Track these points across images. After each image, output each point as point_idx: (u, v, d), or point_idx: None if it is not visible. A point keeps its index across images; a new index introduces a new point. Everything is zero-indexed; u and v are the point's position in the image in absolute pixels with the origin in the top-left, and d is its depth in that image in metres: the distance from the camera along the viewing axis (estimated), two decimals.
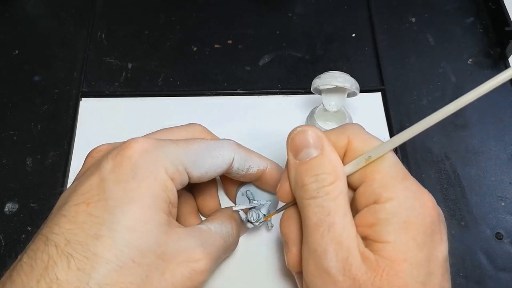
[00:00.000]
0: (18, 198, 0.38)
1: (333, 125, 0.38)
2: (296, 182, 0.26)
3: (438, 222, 0.25)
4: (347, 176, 0.26)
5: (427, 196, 0.25)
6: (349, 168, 0.26)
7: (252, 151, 0.32)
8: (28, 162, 0.40)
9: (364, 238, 0.25)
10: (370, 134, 0.27)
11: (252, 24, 0.48)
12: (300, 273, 0.28)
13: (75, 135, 0.42)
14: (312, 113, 0.37)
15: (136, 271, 0.24)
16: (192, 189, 0.36)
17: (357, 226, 0.25)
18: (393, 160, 0.26)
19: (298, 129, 0.27)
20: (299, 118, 0.41)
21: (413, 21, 0.49)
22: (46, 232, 0.25)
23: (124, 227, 0.24)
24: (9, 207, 0.38)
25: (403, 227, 0.24)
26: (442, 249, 0.25)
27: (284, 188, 0.28)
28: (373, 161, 0.25)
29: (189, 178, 0.29)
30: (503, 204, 0.38)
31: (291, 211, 0.28)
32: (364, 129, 0.28)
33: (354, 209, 0.26)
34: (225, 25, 0.48)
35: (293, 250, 0.27)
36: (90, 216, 0.24)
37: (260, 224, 0.33)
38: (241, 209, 0.33)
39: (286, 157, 0.28)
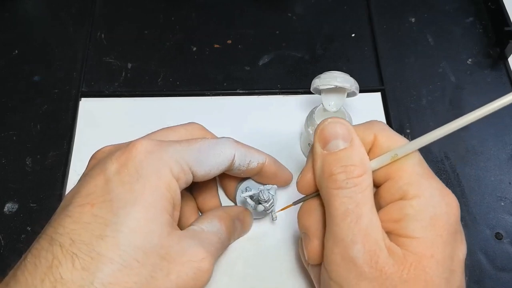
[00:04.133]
0: (18, 198, 0.38)
1: None
2: (323, 171, 0.26)
3: (459, 222, 0.26)
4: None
5: (451, 196, 0.25)
6: (375, 163, 0.26)
7: (250, 146, 0.33)
8: (27, 162, 0.40)
9: (388, 233, 0.25)
10: (395, 132, 0.28)
11: (251, 24, 0.48)
12: (318, 266, 0.28)
13: (74, 135, 0.42)
14: (311, 113, 0.37)
15: (140, 271, 0.24)
16: (192, 190, 0.36)
17: (381, 221, 0.25)
18: (419, 159, 0.26)
19: (329, 119, 0.27)
20: (299, 118, 0.41)
21: (413, 21, 0.49)
22: (51, 232, 0.25)
23: (128, 228, 0.25)
24: (9, 207, 0.38)
25: (430, 224, 0.24)
26: (462, 248, 0.25)
27: (306, 179, 0.28)
28: (399, 159, 0.26)
29: (194, 177, 0.29)
30: (502, 204, 0.38)
31: (312, 203, 0.28)
32: (389, 127, 0.28)
33: (377, 204, 0.26)
34: (224, 25, 0.48)
35: (315, 241, 0.27)
36: (94, 216, 0.25)
37: (271, 207, 0.33)
38: (249, 195, 0.33)
39: (312, 149, 0.28)
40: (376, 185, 0.27)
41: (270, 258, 0.35)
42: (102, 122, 0.42)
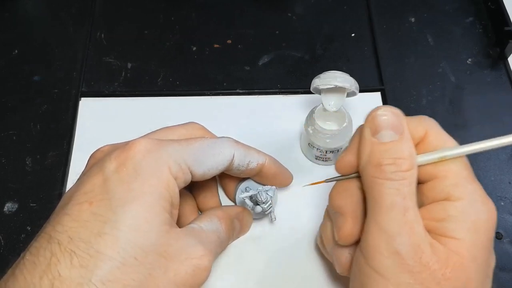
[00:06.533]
0: (18, 198, 0.38)
1: (333, 125, 0.38)
2: (370, 159, 0.26)
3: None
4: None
5: (492, 204, 0.26)
6: (422, 159, 0.26)
7: (250, 146, 0.33)
8: (27, 162, 0.40)
9: (428, 231, 0.25)
10: (445, 132, 0.28)
11: (251, 24, 0.48)
12: (342, 248, 0.29)
13: (74, 135, 0.42)
14: (311, 113, 0.37)
15: (139, 269, 0.24)
16: (192, 189, 0.36)
17: (423, 219, 0.25)
18: (465, 162, 0.27)
19: (383, 108, 0.27)
20: (299, 118, 0.41)
21: (413, 21, 0.49)
22: (49, 231, 0.25)
23: (127, 226, 0.25)
24: (9, 206, 0.38)
25: (472, 227, 0.24)
26: (494, 257, 0.26)
27: (347, 160, 0.28)
28: (446, 160, 0.26)
29: (192, 176, 0.29)
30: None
31: (349, 184, 0.28)
32: (439, 125, 0.28)
33: (419, 201, 0.26)
34: (224, 25, 0.48)
35: (350, 221, 0.27)
36: (93, 214, 0.25)
37: (269, 208, 0.33)
38: (248, 196, 0.34)
39: (360, 133, 0.27)
40: (418, 182, 0.27)
41: (271, 259, 0.35)
42: (102, 122, 0.42)
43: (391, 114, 0.26)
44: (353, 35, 0.47)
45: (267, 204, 0.33)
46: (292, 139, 0.41)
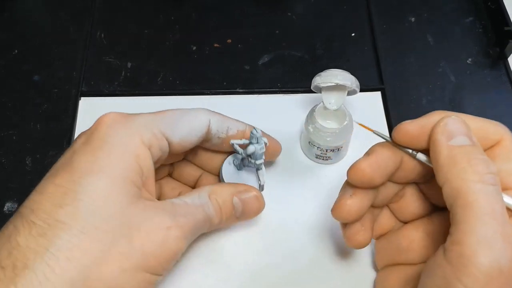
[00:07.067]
0: (18, 198, 0.38)
1: (333, 123, 0.38)
2: (456, 162, 0.24)
3: None
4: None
5: None
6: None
7: (228, 116, 0.33)
8: (27, 162, 0.40)
9: None
10: None
11: (251, 24, 0.48)
12: (351, 188, 0.28)
13: (74, 135, 0.41)
14: (312, 111, 0.37)
15: (100, 237, 0.25)
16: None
17: None
18: None
19: (453, 116, 0.26)
20: (299, 117, 0.41)
21: (413, 20, 0.49)
22: (19, 208, 0.26)
23: (88, 196, 0.25)
24: (9, 206, 0.38)
25: None
26: None
27: (409, 128, 0.27)
28: None
29: (169, 144, 0.29)
30: None
31: (394, 147, 0.28)
32: None
33: None
34: (224, 25, 0.48)
35: (370, 159, 0.27)
36: (56, 186, 0.25)
37: (261, 153, 0.32)
38: (239, 143, 0.32)
39: (433, 141, 0.26)
40: None
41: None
42: None
43: (460, 122, 0.26)
44: (353, 35, 0.48)
45: (261, 146, 0.32)
46: (292, 138, 0.41)
